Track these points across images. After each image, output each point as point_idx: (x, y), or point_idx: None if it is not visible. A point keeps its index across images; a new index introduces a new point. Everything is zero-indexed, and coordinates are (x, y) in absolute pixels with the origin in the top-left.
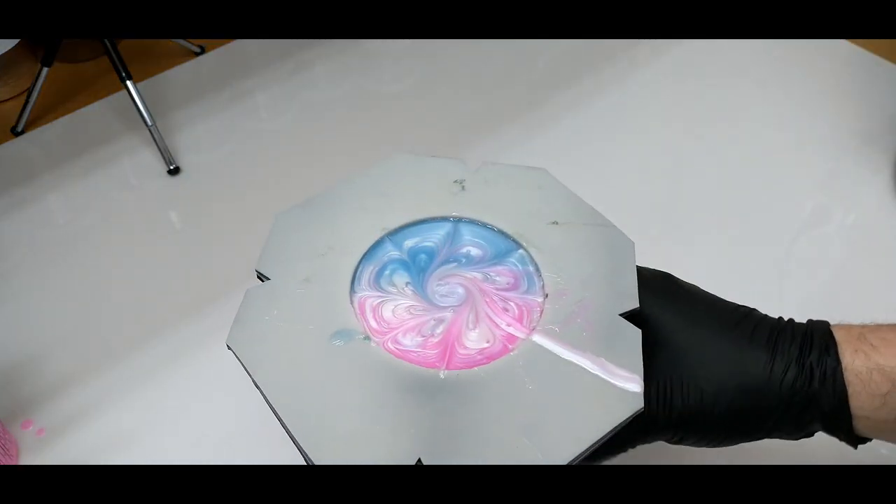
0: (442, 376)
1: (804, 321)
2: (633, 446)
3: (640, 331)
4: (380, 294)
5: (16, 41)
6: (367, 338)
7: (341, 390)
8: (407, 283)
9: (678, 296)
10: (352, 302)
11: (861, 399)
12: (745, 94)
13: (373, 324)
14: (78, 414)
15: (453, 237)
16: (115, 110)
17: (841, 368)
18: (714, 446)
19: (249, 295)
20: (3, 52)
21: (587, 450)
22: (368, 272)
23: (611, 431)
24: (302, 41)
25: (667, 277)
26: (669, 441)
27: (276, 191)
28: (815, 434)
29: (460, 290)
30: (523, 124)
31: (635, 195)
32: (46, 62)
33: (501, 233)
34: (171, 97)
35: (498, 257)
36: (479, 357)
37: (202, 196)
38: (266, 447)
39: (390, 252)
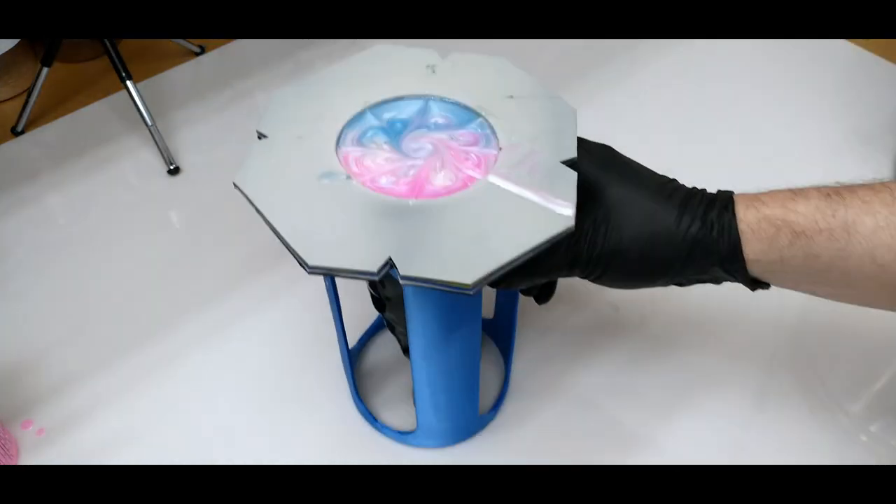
0: (411, 204)
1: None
2: (558, 276)
3: (576, 173)
4: (361, 149)
5: (16, 41)
6: (349, 177)
7: (327, 212)
8: (385, 142)
9: (614, 161)
10: (337, 154)
11: (752, 245)
12: (745, 94)
13: (355, 169)
14: (78, 414)
15: (424, 111)
16: (115, 110)
17: (736, 221)
18: (627, 286)
19: (252, 148)
20: (4, 52)
21: (524, 254)
22: (352, 134)
23: (546, 242)
24: (302, 41)
25: (607, 147)
26: (589, 277)
27: None
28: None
29: (429, 146)
30: None
31: None
32: (46, 62)
33: (465, 107)
34: (171, 97)
35: (461, 124)
36: (442, 191)
37: (202, 196)
38: (266, 447)
39: (371, 121)
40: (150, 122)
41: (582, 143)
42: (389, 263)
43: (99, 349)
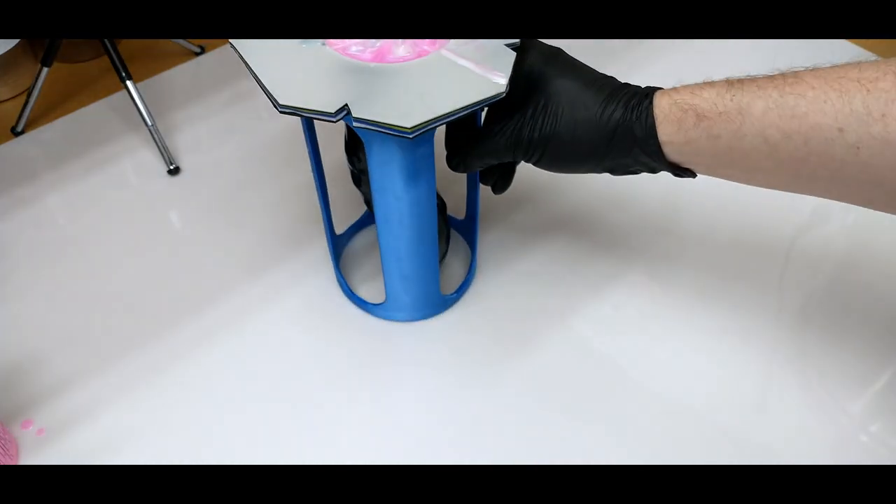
0: (371, 66)
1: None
2: (506, 157)
3: (515, 53)
4: None
5: (16, 41)
6: (324, 44)
7: (301, 66)
8: None
9: (559, 59)
10: None
11: (663, 127)
12: None
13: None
14: (78, 414)
15: None
16: (115, 110)
17: (652, 107)
18: (563, 170)
19: None
20: (4, 52)
21: (460, 110)
22: None
23: (479, 102)
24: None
25: (556, 48)
26: (531, 160)
27: (276, 191)
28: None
29: None
30: None
31: (635, 194)
32: (46, 62)
33: None
34: (171, 97)
35: None
36: (400, 60)
37: (202, 196)
38: (266, 447)
39: None
40: (150, 123)
41: (536, 43)
42: (346, 109)
43: (99, 349)
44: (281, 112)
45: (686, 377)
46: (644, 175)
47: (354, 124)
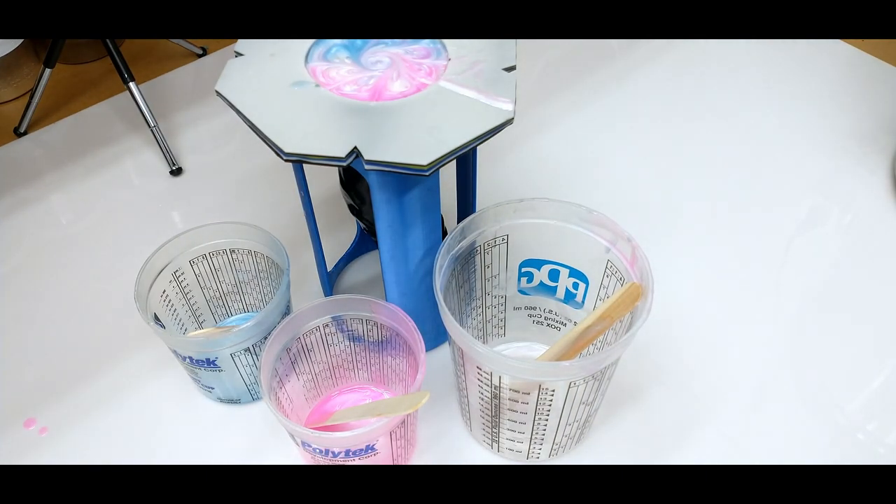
0: (372, 105)
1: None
2: None
3: (515, 76)
4: (326, 63)
5: (19, 42)
6: (318, 85)
7: (299, 112)
8: (347, 57)
9: None
10: (306, 68)
11: None
12: (743, 95)
13: (322, 79)
14: (79, 413)
15: None
16: (118, 111)
17: None
18: None
19: (230, 63)
20: (6, 53)
21: (471, 141)
22: (318, 52)
23: (490, 131)
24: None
25: None
26: None
27: (278, 191)
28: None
29: (386, 60)
30: (524, 124)
31: (636, 195)
32: (49, 63)
33: None
34: (174, 98)
35: (415, 39)
36: (399, 96)
37: (204, 196)
38: (265, 448)
39: (335, 40)
40: (152, 124)
41: None
42: (355, 151)
43: (101, 348)
44: (286, 160)
45: (685, 377)
46: (641, 176)
47: (367, 167)
